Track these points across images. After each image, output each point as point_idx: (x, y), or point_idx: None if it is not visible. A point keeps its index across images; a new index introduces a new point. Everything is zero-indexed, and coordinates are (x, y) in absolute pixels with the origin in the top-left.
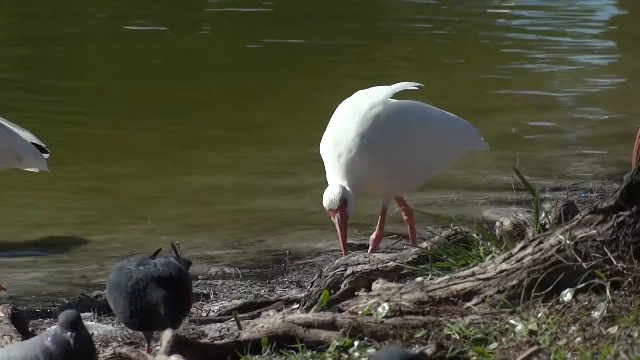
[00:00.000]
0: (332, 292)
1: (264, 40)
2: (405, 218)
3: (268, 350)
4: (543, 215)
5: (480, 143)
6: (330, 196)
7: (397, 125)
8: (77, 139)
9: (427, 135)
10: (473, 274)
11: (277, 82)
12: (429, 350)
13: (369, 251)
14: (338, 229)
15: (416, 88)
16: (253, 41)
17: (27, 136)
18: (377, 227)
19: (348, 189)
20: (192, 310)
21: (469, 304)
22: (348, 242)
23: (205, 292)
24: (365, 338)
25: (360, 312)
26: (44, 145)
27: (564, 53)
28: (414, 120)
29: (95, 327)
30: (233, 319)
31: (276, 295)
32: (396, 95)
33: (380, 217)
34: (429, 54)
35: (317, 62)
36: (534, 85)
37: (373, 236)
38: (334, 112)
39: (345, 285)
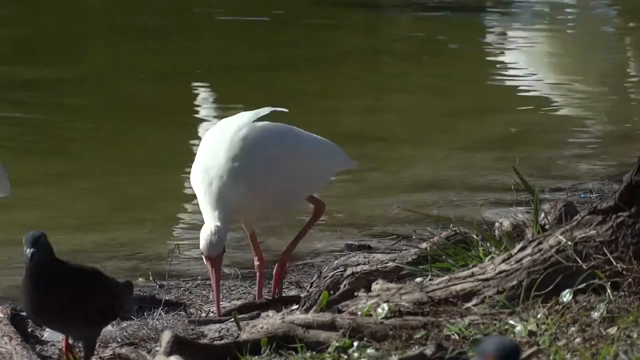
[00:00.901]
0: (331, 292)
1: (265, 41)
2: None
3: (267, 351)
4: (542, 215)
5: (347, 161)
6: (211, 240)
7: (266, 146)
8: (77, 139)
9: (297, 156)
10: (472, 275)
11: (277, 83)
12: (428, 350)
13: (256, 285)
14: (213, 278)
15: (284, 110)
16: (255, 41)
17: None
18: (254, 253)
19: (219, 223)
20: (190, 310)
21: (468, 305)
22: (347, 242)
23: (204, 292)
24: (365, 338)
25: (359, 313)
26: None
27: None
28: (282, 141)
29: None
30: (232, 319)
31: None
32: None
33: (252, 243)
34: (429, 53)
35: (318, 62)
36: (533, 85)
37: (256, 263)
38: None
39: (345, 285)
